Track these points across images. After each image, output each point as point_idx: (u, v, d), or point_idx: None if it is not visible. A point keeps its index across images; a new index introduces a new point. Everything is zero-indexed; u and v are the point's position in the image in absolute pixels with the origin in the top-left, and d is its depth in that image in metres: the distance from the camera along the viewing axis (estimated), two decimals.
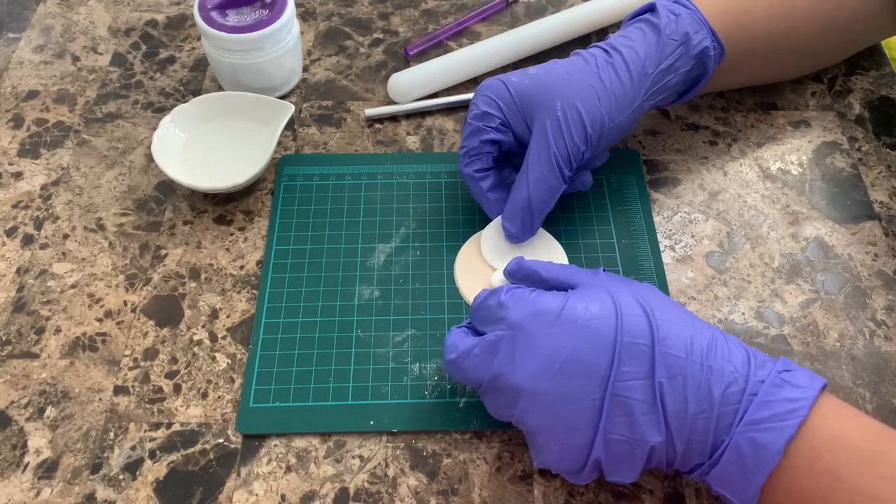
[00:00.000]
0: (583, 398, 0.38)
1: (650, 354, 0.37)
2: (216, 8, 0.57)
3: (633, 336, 0.38)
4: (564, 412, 0.38)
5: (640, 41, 0.51)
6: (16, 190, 0.56)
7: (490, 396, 0.41)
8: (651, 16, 0.52)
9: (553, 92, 0.49)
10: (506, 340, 0.39)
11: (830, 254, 0.53)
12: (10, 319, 0.50)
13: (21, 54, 0.65)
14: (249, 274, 0.52)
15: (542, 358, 0.38)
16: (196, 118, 0.57)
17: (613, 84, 0.50)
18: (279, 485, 0.44)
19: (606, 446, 0.38)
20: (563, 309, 0.39)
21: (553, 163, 0.48)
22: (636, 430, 0.37)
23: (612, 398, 0.37)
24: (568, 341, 0.38)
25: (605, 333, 0.38)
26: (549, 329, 0.38)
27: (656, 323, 0.38)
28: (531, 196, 0.49)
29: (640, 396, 0.37)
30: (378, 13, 0.68)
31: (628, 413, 0.37)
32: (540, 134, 0.49)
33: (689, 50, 0.51)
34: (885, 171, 0.57)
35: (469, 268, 0.52)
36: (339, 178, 0.57)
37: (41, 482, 0.44)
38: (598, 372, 0.37)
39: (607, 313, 0.38)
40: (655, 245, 0.53)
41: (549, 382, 0.38)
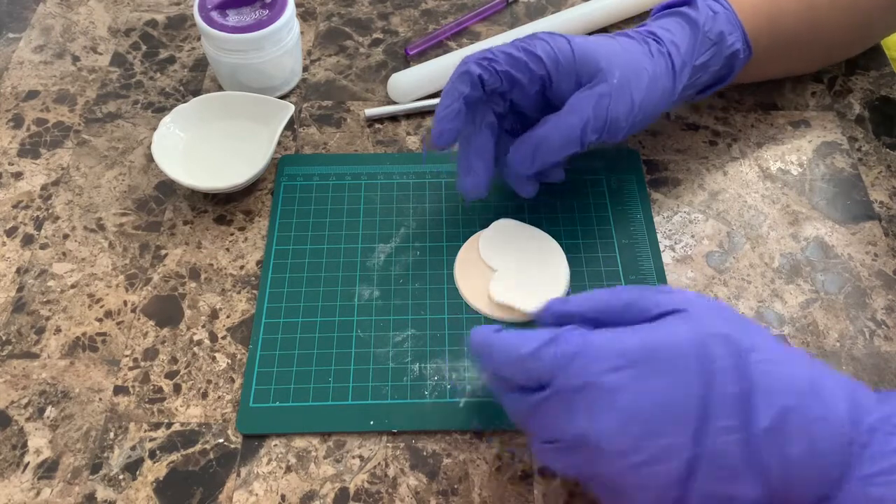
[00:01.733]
0: (671, 457, 0.34)
1: (745, 404, 0.34)
2: (216, 8, 0.57)
3: (727, 383, 0.34)
4: (651, 472, 0.34)
5: (679, 35, 0.50)
6: (16, 190, 0.56)
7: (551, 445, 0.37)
8: (689, 10, 0.51)
9: (613, 63, 0.47)
10: (573, 395, 0.35)
11: (830, 254, 0.53)
12: (10, 319, 0.50)
13: (21, 54, 0.65)
14: (249, 274, 0.52)
15: (623, 413, 0.34)
16: (196, 118, 0.57)
17: (660, 73, 0.49)
18: (279, 485, 0.44)
19: (700, 502, 0.34)
20: (651, 353, 0.35)
21: (590, 120, 0.46)
22: (731, 486, 0.34)
23: (706, 455, 0.34)
24: (652, 393, 0.34)
25: (694, 383, 0.34)
26: (627, 380, 0.34)
27: (751, 366, 0.34)
28: (544, 135, 0.47)
29: (736, 452, 0.33)
30: (378, 13, 0.68)
31: (723, 468, 0.34)
32: (588, 94, 0.47)
33: (723, 50, 0.51)
34: (885, 171, 0.57)
35: (469, 268, 0.52)
36: (339, 178, 0.57)
37: (41, 482, 0.44)
38: (688, 427, 0.34)
39: (694, 356, 0.34)
40: (655, 245, 0.53)
41: (632, 442, 0.34)
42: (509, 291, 0.50)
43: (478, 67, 0.47)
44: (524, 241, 0.53)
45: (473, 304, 0.50)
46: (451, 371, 0.47)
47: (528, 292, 0.50)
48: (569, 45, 0.48)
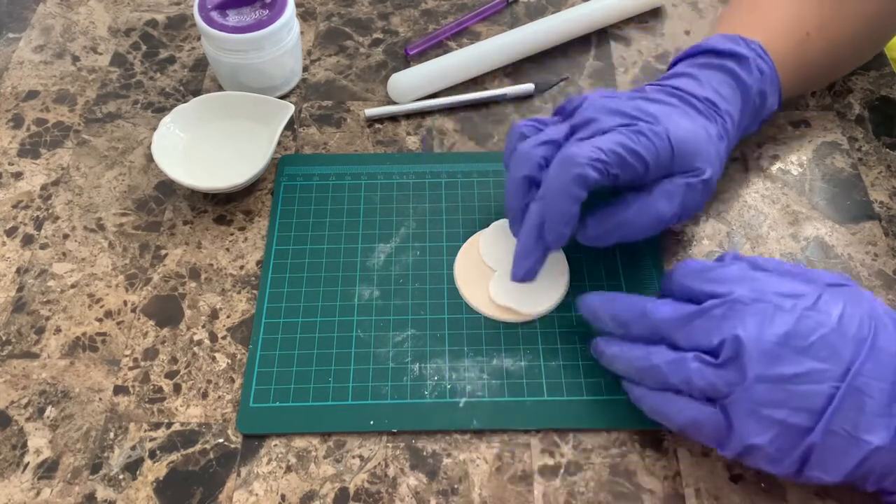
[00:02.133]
0: (821, 382, 0.37)
1: (894, 362, 0.37)
2: (216, 8, 0.57)
3: (883, 342, 0.38)
4: (797, 391, 0.37)
5: (733, 103, 0.50)
6: (16, 190, 0.56)
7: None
8: (739, 69, 0.50)
9: (706, 159, 0.47)
10: (747, 306, 0.39)
11: (830, 254, 0.53)
12: (10, 319, 0.50)
13: (21, 54, 0.65)
14: (249, 274, 0.52)
15: (793, 329, 0.38)
16: (196, 118, 0.57)
17: (724, 155, 0.50)
18: (279, 485, 0.44)
19: (825, 436, 0.37)
20: (819, 297, 0.39)
21: (674, 214, 0.47)
22: (862, 427, 0.37)
23: (849, 388, 0.37)
24: (822, 325, 0.38)
25: (857, 330, 0.38)
26: (805, 310, 0.38)
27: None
28: (634, 219, 0.47)
29: (876, 396, 0.37)
30: (378, 13, 0.68)
31: (859, 408, 0.37)
32: (682, 187, 0.47)
33: (760, 113, 0.52)
34: (885, 171, 0.57)
35: (469, 268, 0.52)
36: (339, 178, 0.57)
37: (41, 482, 0.44)
38: (842, 361, 0.37)
39: (860, 314, 0.38)
40: (656, 245, 0.53)
41: (793, 354, 0.38)
42: (508, 293, 0.50)
43: (594, 171, 0.44)
44: None
45: (473, 304, 0.50)
46: (451, 371, 0.47)
47: (527, 294, 0.50)
48: (669, 142, 0.46)
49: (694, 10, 0.68)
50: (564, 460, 0.45)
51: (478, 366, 0.48)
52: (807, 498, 0.43)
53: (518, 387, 0.47)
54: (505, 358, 0.48)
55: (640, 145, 0.45)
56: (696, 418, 0.40)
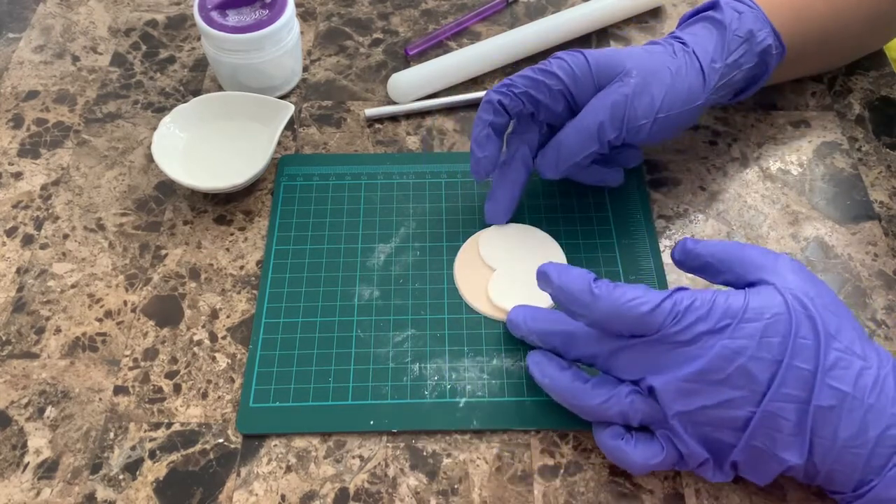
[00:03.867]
0: (740, 407, 0.38)
1: (812, 382, 0.37)
2: (216, 8, 0.57)
3: (800, 360, 0.38)
4: (719, 415, 0.39)
5: (706, 37, 0.51)
6: (16, 190, 0.57)
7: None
8: (714, 13, 0.52)
9: (630, 62, 0.49)
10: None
11: (830, 254, 0.53)
12: (10, 319, 0.50)
13: (21, 54, 0.65)
14: (249, 274, 0.52)
15: (708, 367, 0.38)
16: (196, 118, 0.57)
17: (684, 70, 0.50)
18: (279, 485, 0.44)
19: (747, 452, 0.39)
20: (741, 319, 0.38)
21: (606, 119, 0.48)
22: (779, 446, 0.38)
23: (764, 412, 0.38)
24: (739, 356, 0.38)
25: (777, 352, 0.38)
26: (724, 345, 0.38)
27: (826, 350, 0.38)
28: (563, 139, 0.49)
29: (791, 417, 0.38)
30: (378, 13, 0.68)
31: (776, 429, 0.38)
32: (604, 93, 0.48)
33: (753, 47, 0.51)
34: (885, 171, 0.57)
35: (469, 268, 0.52)
36: (339, 178, 0.57)
37: (41, 482, 0.44)
38: (759, 386, 0.38)
39: (782, 331, 0.38)
40: (655, 245, 0.53)
41: (710, 387, 0.38)
42: (507, 294, 0.50)
43: (496, 94, 0.49)
44: (524, 241, 0.53)
45: (473, 304, 0.50)
46: (451, 371, 0.47)
47: (525, 295, 0.50)
48: (584, 57, 0.49)
49: None
50: (564, 460, 0.45)
51: (478, 366, 0.48)
52: (807, 498, 0.43)
53: (518, 387, 0.47)
54: (505, 358, 0.48)
55: (550, 65, 0.49)
56: (653, 464, 0.41)
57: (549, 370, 0.44)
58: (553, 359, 0.44)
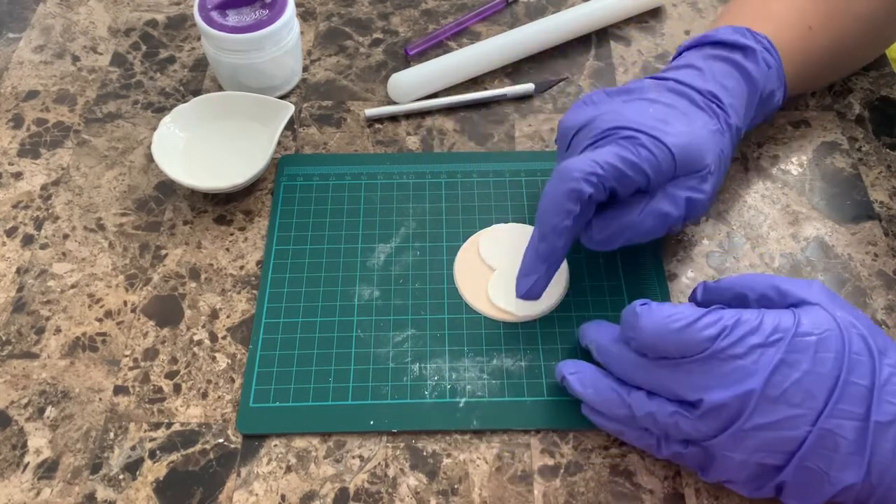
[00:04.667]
0: (795, 427, 0.37)
1: (869, 397, 0.37)
2: (216, 8, 0.57)
3: (856, 376, 0.37)
4: (772, 436, 0.37)
5: (738, 97, 0.49)
6: (16, 190, 0.56)
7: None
8: (747, 62, 0.50)
9: (709, 156, 0.47)
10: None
11: (830, 254, 0.53)
12: (10, 319, 0.50)
13: (21, 54, 0.65)
14: (249, 274, 0.52)
15: (766, 381, 0.37)
16: (196, 118, 0.57)
17: (730, 151, 0.49)
18: (279, 485, 0.44)
19: (799, 473, 0.38)
20: (794, 334, 0.37)
21: (682, 214, 0.47)
22: (835, 466, 0.37)
23: (821, 431, 0.37)
24: (795, 370, 0.37)
25: (831, 368, 0.37)
26: (779, 359, 0.37)
27: (880, 366, 0.37)
28: (634, 223, 0.46)
29: (849, 436, 0.37)
30: (378, 13, 0.68)
31: (833, 448, 0.37)
32: (687, 186, 0.47)
33: (766, 108, 0.52)
34: (885, 171, 0.57)
35: (469, 268, 0.52)
36: (339, 178, 0.57)
37: (41, 482, 0.44)
38: (816, 403, 0.37)
39: (835, 347, 0.37)
40: (656, 245, 0.53)
41: (766, 404, 0.37)
42: (507, 293, 0.50)
43: (588, 186, 0.44)
44: (524, 241, 0.52)
45: (473, 304, 0.50)
46: (451, 371, 0.47)
47: None
48: (669, 151, 0.45)
49: (694, 10, 0.68)
50: (564, 460, 0.45)
51: (478, 366, 0.48)
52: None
53: (518, 387, 0.47)
54: (505, 358, 0.48)
55: (640, 157, 0.45)
56: (678, 452, 0.41)
57: (592, 380, 0.43)
58: (590, 367, 0.43)
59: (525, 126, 0.60)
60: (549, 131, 0.60)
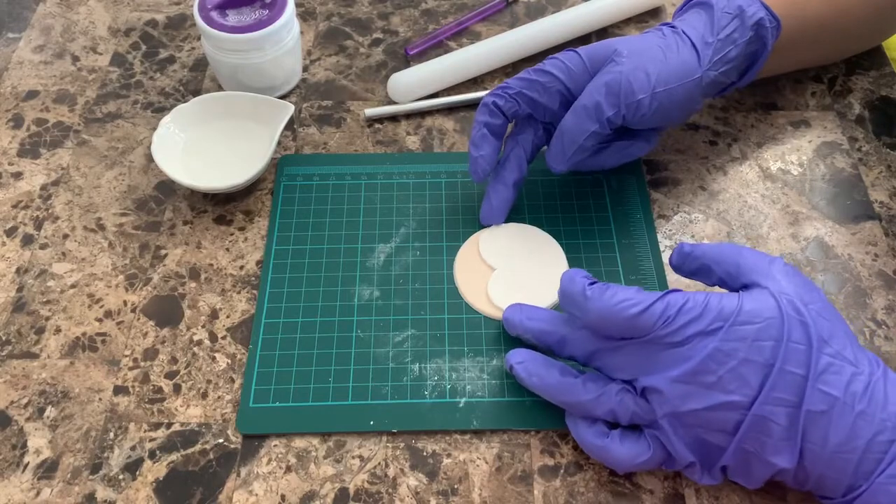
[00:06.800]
0: (730, 411, 0.38)
1: (803, 386, 0.37)
2: (216, 8, 0.57)
3: (792, 365, 0.38)
4: (710, 417, 0.39)
5: (695, 18, 0.52)
6: (16, 190, 0.56)
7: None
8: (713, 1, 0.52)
9: (620, 45, 0.50)
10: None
11: (830, 254, 0.53)
12: (10, 319, 0.50)
13: (21, 54, 0.65)
14: (249, 274, 0.52)
15: (700, 367, 0.38)
16: (196, 118, 0.57)
17: (675, 47, 0.50)
18: (279, 485, 0.44)
19: (737, 455, 0.39)
20: (734, 322, 0.38)
21: (602, 98, 0.48)
22: (769, 450, 0.38)
23: (755, 417, 0.38)
24: (731, 358, 0.38)
25: (768, 357, 0.38)
26: (715, 347, 0.38)
27: (817, 356, 0.38)
28: (563, 126, 0.49)
29: (782, 422, 0.38)
30: (378, 13, 0.68)
31: (766, 433, 0.38)
32: (598, 76, 0.49)
33: (745, 21, 0.51)
34: (885, 171, 0.57)
35: (469, 268, 0.52)
36: (339, 178, 0.57)
37: (41, 482, 0.44)
38: (751, 389, 0.38)
39: (775, 336, 0.38)
40: (655, 245, 0.53)
41: (701, 390, 0.38)
42: (506, 293, 0.50)
43: (491, 97, 0.51)
44: (524, 241, 0.53)
45: (473, 303, 0.50)
46: (451, 371, 0.47)
47: (525, 294, 0.50)
48: (576, 53, 0.50)
49: None
50: (564, 460, 0.45)
51: (478, 366, 0.48)
52: (806, 498, 0.43)
53: (518, 387, 0.47)
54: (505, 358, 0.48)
55: (546, 65, 0.50)
56: (642, 462, 0.41)
57: (536, 368, 0.44)
58: (537, 356, 0.44)
59: None
60: None
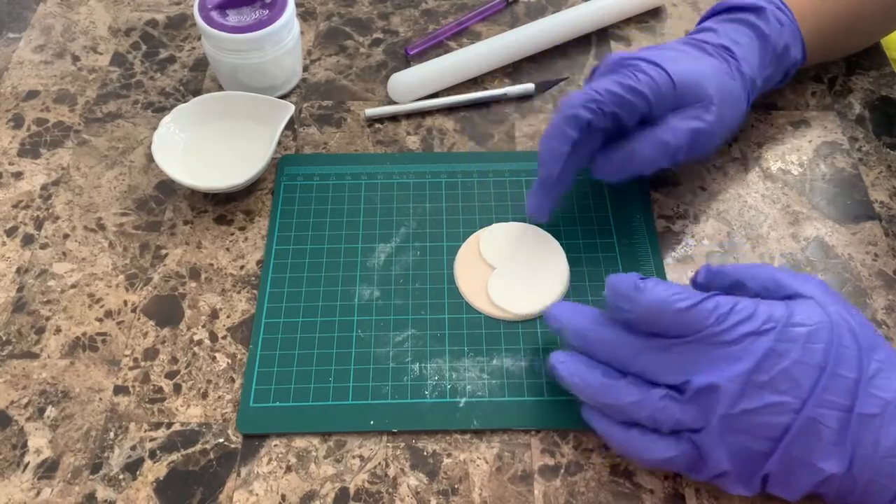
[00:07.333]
0: (780, 413, 0.38)
1: (854, 389, 0.37)
2: (216, 8, 0.57)
3: (844, 368, 0.38)
4: (758, 421, 0.38)
5: (750, 51, 0.51)
6: (16, 190, 0.57)
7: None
8: (758, 20, 0.52)
9: (711, 88, 0.49)
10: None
11: (830, 254, 0.53)
12: (10, 319, 0.50)
13: (21, 54, 0.65)
14: (249, 274, 0.52)
15: (754, 367, 0.38)
16: (196, 118, 0.57)
17: (741, 89, 0.50)
18: (279, 485, 0.44)
19: (784, 461, 0.38)
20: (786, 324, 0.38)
21: (685, 144, 0.48)
22: (817, 454, 0.38)
23: (805, 419, 0.37)
24: (784, 358, 0.38)
25: (820, 359, 0.38)
26: (769, 347, 0.38)
27: (867, 360, 0.38)
28: (638, 150, 0.48)
29: (832, 425, 0.37)
30: (378, 13, 0.68)
31: (816, 436, 0.37)
32: (688, 120, 0.48)
33: (783, 63, 0.52)
34: (885, 171, 0.57)
35: (469, 268, 0.52)
36: (339, 178, 0.57)
37: (41, 482, 0.44)
38: (802, 392, 0.37)
39: (825, 339, 0.38)
40: (655, 245, 0.53)
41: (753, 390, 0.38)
42: (506, 293, 0.50)
43: (587, 112, 0.47)
44: (524, 240, 0.53)
45: (473, 303, 0.50)
46: (451, 371, 0.47)
47: (525, 294, 0.50)
48: (668, 76, 0.48)
49: (694, 10, 0.68)
50: (564, 460, 0.45)
51: (478, 366, 0.48)
52: (806, 498, 0.43)
53: (518, 387, 0.47)
54: (505, 358, 0.48)
55: (639, 81, 0.47)
56: (668, 457, 0.40)
57: (578, 368, 0.42)
58: (580, 357, 0.42)
59: (525, 126, 0.60)
60: None
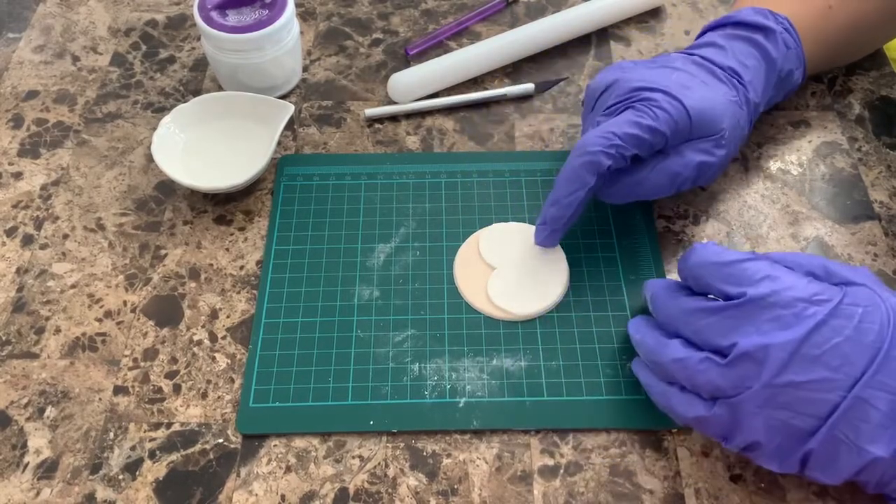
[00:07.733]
0: (830, 391, 0.37)
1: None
2: (216, 8, 0.57)
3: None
4: (805, 396, 0.37)
5: (756, 74, 0.51)
6: (16, 190, 0.57)
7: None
8: (766, 41, 0.52)
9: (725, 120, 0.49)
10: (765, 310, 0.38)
11: (830, 254, 0.53)
12: (10, 319, 0.50)
13: (21, 54, 0.65)
14: (249, 274, 0.52)
15: (806, 337, 0.37)
16: (196, 118, 0.57)
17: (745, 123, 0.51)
18: (279, 485, 0.44)
19: (828, 441, 0.37)
20: (840, 302, 0.37)
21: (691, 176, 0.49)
22: (864, 437, 0.37)
23: (855, 398, 0.36)
24: (837, 334, 0.37)
25: (874, 339, 0.37)
26: (823, 318, 0.37)
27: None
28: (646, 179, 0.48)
29: (883, 407, 0.36)
30: (378, 13, 0.68)
31: (865, 419, 0.36)
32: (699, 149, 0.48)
33: (785, 87, 0.53)
34: (885, 171, 0.57)
35: (469, 267, 0.52)
36: (339, 178, 0.57)
37: (41, 482, 0.44)
38: (854, 370, 0.36)
39: (880, 320, 0.37)
40: (655, 245, 0.53)
41: (804, 362, 0.37)
42: (506, 293, 0.50)
43: (607, 158, 0.46)
44: (524, 240, 0.53)
45: (473, 303, 0.50)
46: (450, 371, 0.47)
47: (525, 294, 0.50)
48: (685, 110, 0.47)
49: (694, 10, 0.68)
50: (564, 460, 0.45)
51: (478, 366, 0.48)
52: (806, 498, 0.43)
53: (518, 387, 0.47)
54: (505, 358, 0.48)
55: (657, 119, 0.46)
56: (701, 416, 0.40)
57: (641, 326, 0.44)
58: (650, 321, 0.44)
59: (525, 126, 0.60)
60: (548, 131, 0.60)
